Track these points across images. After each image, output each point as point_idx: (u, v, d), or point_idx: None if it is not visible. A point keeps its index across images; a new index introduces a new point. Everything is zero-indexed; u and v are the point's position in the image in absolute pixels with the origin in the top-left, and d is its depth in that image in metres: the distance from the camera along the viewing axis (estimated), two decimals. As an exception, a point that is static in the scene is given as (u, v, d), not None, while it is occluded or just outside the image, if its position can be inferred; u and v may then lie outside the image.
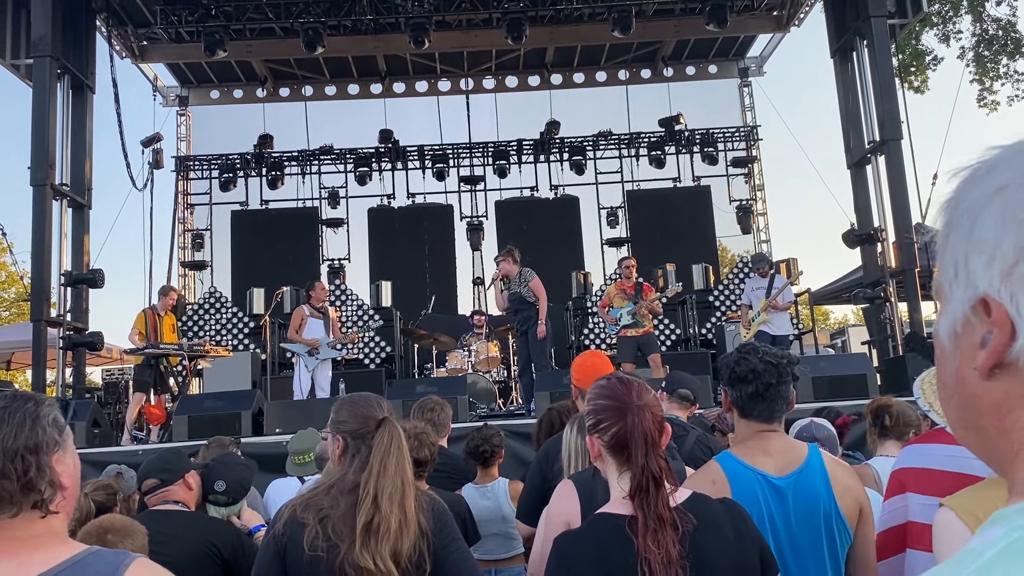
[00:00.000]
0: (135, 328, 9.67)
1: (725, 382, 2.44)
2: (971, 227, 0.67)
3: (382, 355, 13.40)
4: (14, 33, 11.19)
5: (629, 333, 9.59)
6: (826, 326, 32.12)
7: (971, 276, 0.66)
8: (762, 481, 2.28)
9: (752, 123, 17.37)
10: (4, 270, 27.30)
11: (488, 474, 4.30)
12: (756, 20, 14.79)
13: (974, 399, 0.68)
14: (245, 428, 7.90)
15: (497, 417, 8.47)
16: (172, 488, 3.17)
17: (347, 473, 2.23)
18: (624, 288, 9.79)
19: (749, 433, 2.40)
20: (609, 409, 2.02)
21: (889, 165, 11.14)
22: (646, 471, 1.90)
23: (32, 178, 10.51)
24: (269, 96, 16.95)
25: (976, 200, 0.67)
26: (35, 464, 1.41)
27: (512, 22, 12.55)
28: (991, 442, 0.69)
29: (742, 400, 2.38)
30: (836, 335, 22.43)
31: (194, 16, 12.18)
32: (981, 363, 0.66)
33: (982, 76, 19.33)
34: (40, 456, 1.42)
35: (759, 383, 2.34)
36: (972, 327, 0.67)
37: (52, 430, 1.46)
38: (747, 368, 2.36)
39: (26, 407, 1.46)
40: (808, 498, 2.28)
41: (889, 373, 9.81)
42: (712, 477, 2.30)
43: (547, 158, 16.90)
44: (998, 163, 0.67)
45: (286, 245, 15.88)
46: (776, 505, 2.26)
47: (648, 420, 1.98)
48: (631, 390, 2.04)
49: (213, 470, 3.60)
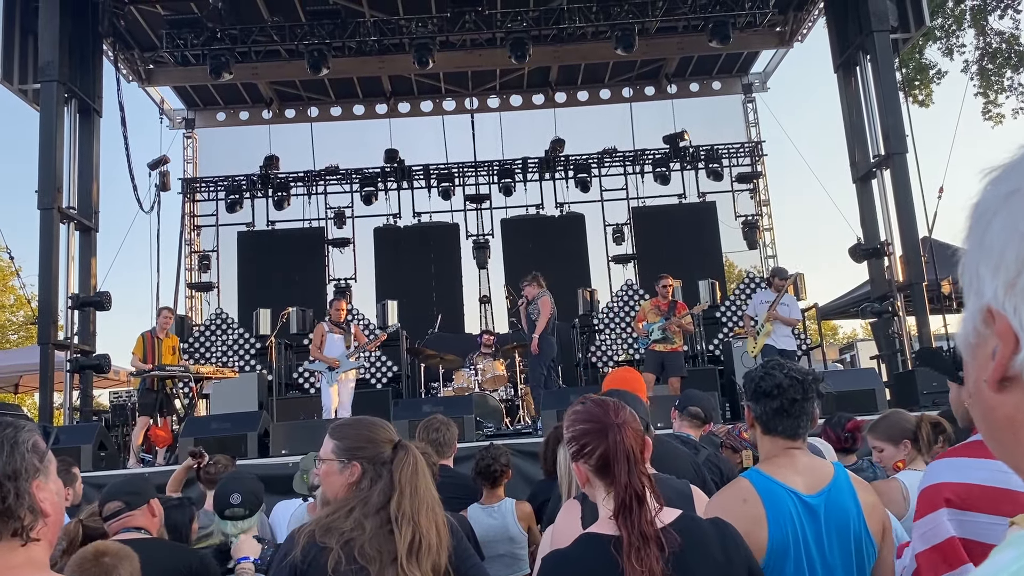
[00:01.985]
0: (134, 353, 9.69)
1: (749, 397, 2.42)
2: (983, 234, 0.65)
3: (388, 374, 13.38)
4: (21, 58, 11.29)
5: (657, 348, 9.89)
6: (834, 341, 32.00)
7: (980, 285, 0.65)
8: (795, 499, 2.25)
9: (757, 138, 17.38)
10: (12, 293, 27.41)
11: (495, 494, 4.26)
12: (759, 36, 14.84)
13: (989, 411, 0.67)
14: (251, 449, 7.88)
15: (504, 436, 8.44)
16: (135, 513, 3.11)
17: (369, 497, 2.22)
18: (659, 305, 10.11)
19: (776, 450, 2.37)
20: (590, 432, 2.03)
21: (895, 179, 11.12)
22: (629, 489, 1.90)
23: (39, 202, 10.57)
24: (275, 117, 17.06)
25: (990, 204, 0.65)
26: (14, 490, 1.38)
27: (516, 42, 12.61)
28: (1011, 453, 0.68)
29: (767, 415, 2.36)
30: (845, 350, 22.33)
31: (200, 39, 12.27)
32: (988, 376, 0.65)
33: (986, 89, 19.33)
34: (19, 482, 1.39)
35: (784, 398, 2.32)
36: (983, 338, 0.66)
37: (32, 456, 1.43)
38: (772, 383, 2.34)
39: (4, 433, 1.42)
40: (839, 516, 2.26)
41: (899, 388, 9.74)
42: (743, 495, 2.27)
43: (552, 176, 16.93)
44: (1013, 166, 0.65)
45: (292, 266, 15.91)
46: (809, 523, 2.23)
47: (629, 437, 1.98)
48: (607, 410, 2.05)
49: (226, 485, 3.58)
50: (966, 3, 18.71)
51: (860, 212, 12.20)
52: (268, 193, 16.69)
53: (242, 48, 12.43)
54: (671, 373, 9.80)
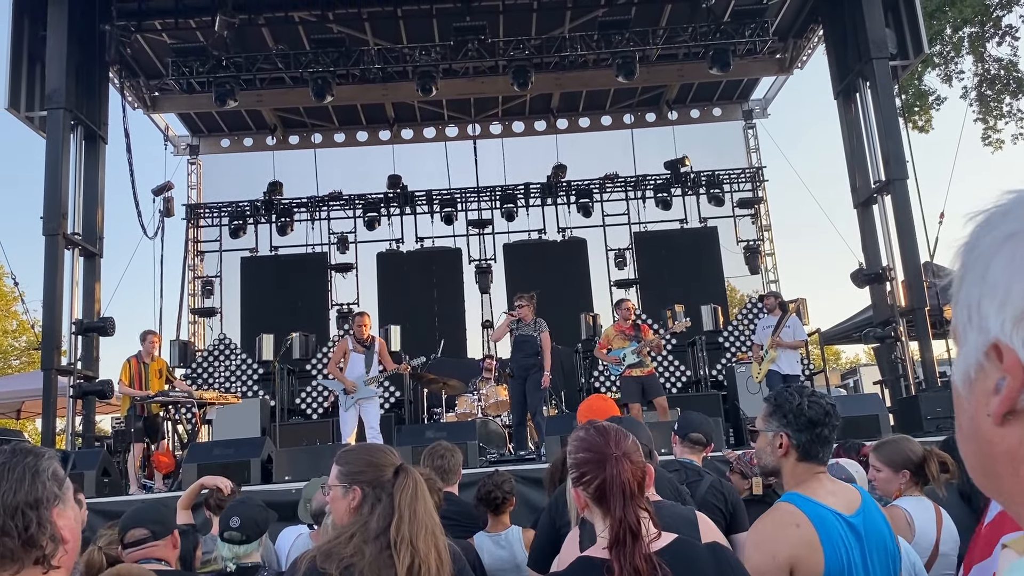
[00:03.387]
0: (120, 380, 9.58)
1: (788, 425, 2.38)
2: (984, 272, 0.67)
3: (391, 400, 13.36)
4: (28, 86, 11.39)
5: (634, 373, 9.51)
6: (837, 366, 31.94)
7: (984, 321, 0.66)
8: (840, 520, 2.26)
9: (758, 164, 17.46)
10: (15, 319, 27.46)
11: (500, 522, 4.21)
12: (759, 63, 14.96)
13: (989, 446, 0.68)
14: (254, 476, 7.86)
15: (507, 462, 8.41)
16: (159, 544, 3.02)
17: (369, 522, 2.22)
18: (623, 329, 9.74)
19: (807, 475, 2.37)
20: (590, 462, 2.04)
21: (895, 204, 11.16)
22: (623, 523, 1.91)
23: (45, 228, 10.62)
24: (279, 144, 17.18)
25: (989, 245, 0.67)
26: (36, 519, 1.38)
27: (518, 69, 12.72)
28: (1007, 489, 0.68)
29: (809, 443, 2.35)
30: (847, 375, 22.29)
31: (205, 67, 12.39)
32: (994, 409, 0.66)
33: (986, 115, 19.43)
34: (41, 511, 1.40)
35: (827, 426, 2.35)
36: (986, 372, 0.67)
37: (52, 484, 1.44)
38: (820, 411, 2.35)
39: (26, 461, 1.43)
40: (877, 536, 2.28)
41: (902, 413, 9.72)
42: (794, 520, 2.25)
43: (554, 201, 17.00)
44: (1012, 209, 0.67)
45: (295, 291, 15.94)
46: (854, 543, 2.24)
47: (626, 471, 1.99)
48: (609, 440, 2.05)
49: (230, 508, 3.57)
50: (964, 30, 18.87)
51: (861, 237, 12.23)
52: (271, 219, 16.77)
53: (247, 76, 12.55)
54: (654, 395, 9.52)
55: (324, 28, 12.98)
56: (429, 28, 13.53)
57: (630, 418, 4.93)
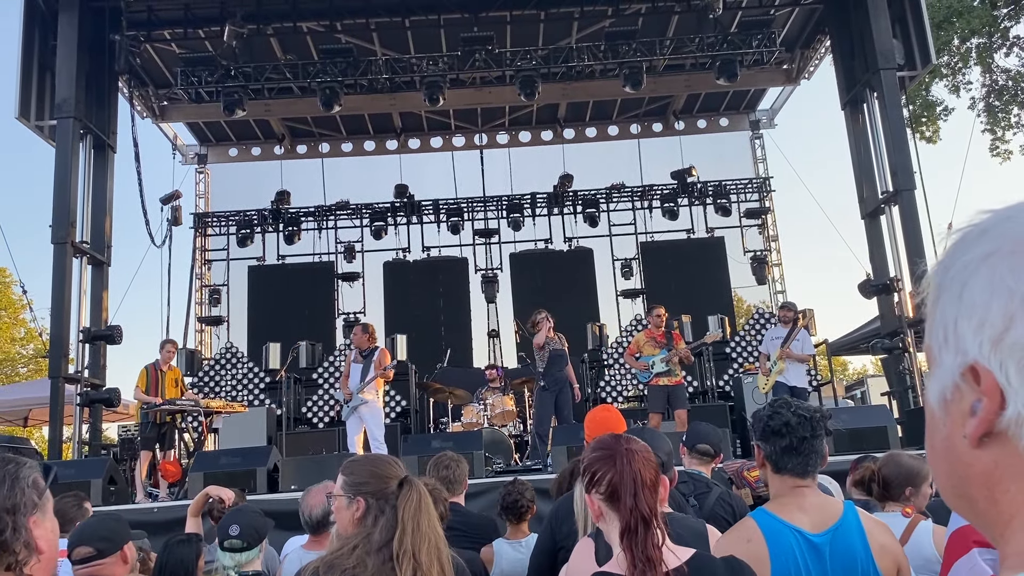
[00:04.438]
0: (137, 386, 9.66)
1: (758, 436, 2.43)
2: (960, 291, 0.66)
3: (397, 409, 13.35)
4: (39, 95, 11.47)
5: (662, 381, 9.35)
6: (844, 377, 31.81)
7: (960, 341, 0.65)
8: (799, 537, 2.25)
9: (765, 174, 17.45)
10: (23, 326, 27.56)
11: (520, 529, 4.21)
12: (766, 74, 14.97)
13: (963, 467, 0.66)
14: (260, 484, 7.86)
15: (513, 472, 8.39)
16: (105, 562, 2.85)
17: (372, 533, 2.21)
18: (654, 336, 9.56)
19: (784, 489, 2.37)
20: (600, 459, 2.07)
21: (903, 215, 11.14)
22: (634, 512, 1.92)
23: (53, 236, 10.67)
24: (286, 153, 17.24)
25: (965, 265, 0.66)
26: (11, 524, 1.37)
27: (525, 79, 12.75)
28: (981, 511, 0.67)
29: (776, 454, 2.36)
30: (854, 386, 22.20)
31: (214, 77, 12.45)
32: (970, 432, 0.65)
33: (993, 126, 19.41)
34: (17, 516, 1.38)
35: (793, 437, 2.33)
36: (962, 394, 0.66)
37: (31, 492, 1.42)
38: (781, 422, 2.35)
39: (6, 468, 1.42)
40: (845, 556, 2.25)
41: (910, 425, 9.68)
42: (748, 535, 2.28)
43: (561, 211, 17.02)
44: (988, 228, 0.66)
45: (302, 299, 15.96)
46: (813, 562, 2.23)
47: (637, 463, 2.01)
48: (619, 440, 2.11)
49: (227, 517, 3.56)
50: (972, 41, 18.86)
51: (869, 248, 12.21)
52: (279, 228, 16.81)
53: (255, 85, 12.60)
54: (677, 406, 9.37)
55: (332, 38, 13.03)
56: (437, 38, 13.59)
57: (651, 430, 4.92)
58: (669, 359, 9.37)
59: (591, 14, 13.09)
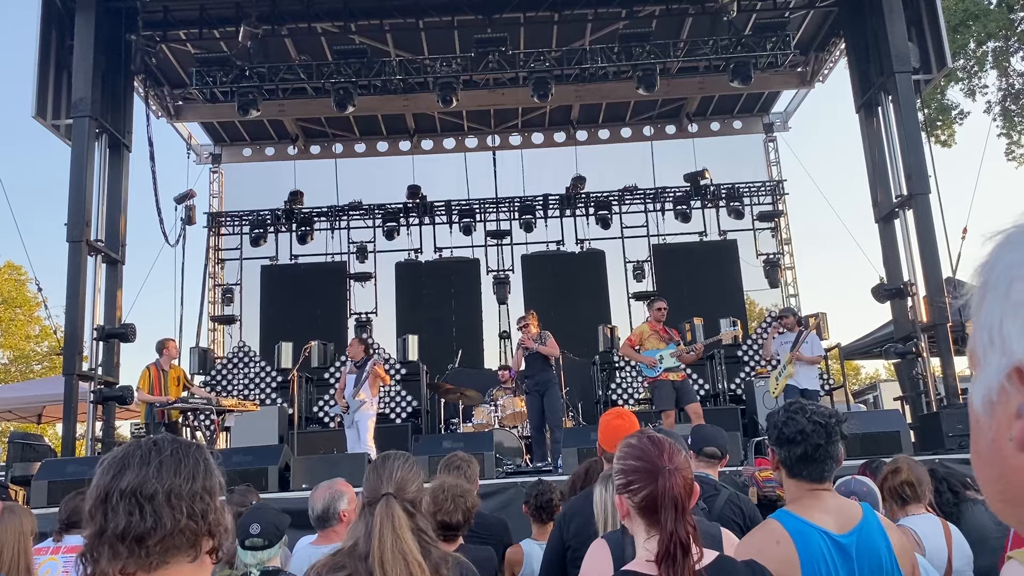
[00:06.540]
0: (139, 387, 9.67)
1: (773, 441, 2.41)
2: (1007, 291, 0.64)
3: (408, 410, 13.38)
4: (55, 94, 11.55)
5: (670, 376, 8.94)
6: (856, 381, 31.67)
7: (1007, 342, 0.63)
8: (826, 539, 2.24)
9: (778, 178, 17.39)
10: (38, 324, 27.75)
11: (547, 528, 4.26)
12: (780, 77, 14.92)
13: (1012, 472, 0.65)
14: (272, 483, 7.89)
15: (524, 474, 8.39)
16: None
17: (358, 540, 2.29)
18: (658, 330, 9.16)
19: (801, 492, 2.37)
20: (640, 471, 2.01)
21: (917, 219, 11.06)
22: (674, 537, 1.89)
23: (68, 234, 10.74)
24: (300, 153, 17.31)
25: (1012, 264, 0.64)
26: (212, 508, 1.31)
27: (538, 81, 12.75)
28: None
29: (791, 461, 2.36)
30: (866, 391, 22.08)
31: (229, 77, 12.51)
32: (1017, 434, 0.63)
33: (1009, 130, 19.28)
34: (215, 499, 1.32)
35: (808, 444, 2.32)
36: (1008, 395, 0.64)
37: (220, 475, 1.37)
38: (795, 429, 2.33)
39: (193, 451, 1.35)
40: (871, 556, 2.25)
41: (923, 430, 9.62)
42: (775, 537, 2.26)
43: (573, 212, 17.01)
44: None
45: (314, 299, 16.02)
46: (841, 563, 2.22)
47: (679, 485, 1.96)
48: (663, 452, 2.03)
49: (247, 516, 3.58)
50: (988, 45, 18.74)
51: (883, 252, 12.13)
52: (292, 227, 16.88)
53: (269, 86, 12.65)
54: (688, 401, 8.94)
55: (346, 39, 13.08)
56: (450, 40, 13.61)
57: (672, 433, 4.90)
58: (680, 355, 9.04)
59: (605, 16, 13.08)
